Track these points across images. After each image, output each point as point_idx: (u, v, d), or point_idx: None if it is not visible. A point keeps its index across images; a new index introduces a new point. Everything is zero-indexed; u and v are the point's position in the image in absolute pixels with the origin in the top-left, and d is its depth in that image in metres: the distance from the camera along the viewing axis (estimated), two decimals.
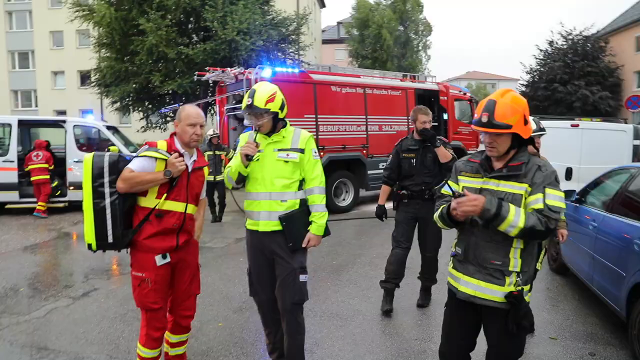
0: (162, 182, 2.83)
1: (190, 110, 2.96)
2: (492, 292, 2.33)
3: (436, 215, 2.53)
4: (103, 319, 4.45)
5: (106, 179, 2.79)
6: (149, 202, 2.87)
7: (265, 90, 2.97)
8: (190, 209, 3.01)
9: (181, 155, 2.90)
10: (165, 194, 2.86)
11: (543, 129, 4.01)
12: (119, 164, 2.83)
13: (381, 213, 4.70)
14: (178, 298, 3.11)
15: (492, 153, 2.35)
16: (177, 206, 2.91)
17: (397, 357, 3.68)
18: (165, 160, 2.83)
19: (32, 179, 10.26)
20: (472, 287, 2.38)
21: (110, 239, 2.81)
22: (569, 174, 8.29)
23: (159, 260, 2.86)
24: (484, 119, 2.29)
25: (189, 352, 3.73)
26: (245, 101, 2.97)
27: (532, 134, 2.89)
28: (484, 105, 2.33)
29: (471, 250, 2.40)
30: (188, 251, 3.08)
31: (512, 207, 2.20)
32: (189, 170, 2.97)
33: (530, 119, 2.53)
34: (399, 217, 4.64)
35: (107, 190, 2.78)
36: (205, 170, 3.17)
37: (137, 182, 2.78)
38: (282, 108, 3.01)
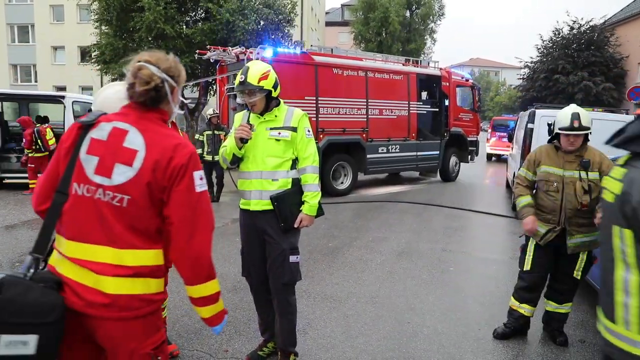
0: None
1: None
2: None
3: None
4: None
5: None
6: None
7: (258, 68, 2.95)
8: None
9: None
10: None
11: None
12: None
13: None
14: None
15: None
16: None
17: (389, 339, 3.71)
18: None
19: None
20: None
21: None
22: None
23: None
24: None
25: (182, 330, 3.77)
26: (238, 78, 2.94)
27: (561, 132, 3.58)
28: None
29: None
30: None
31: None
32: None
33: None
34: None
35: None
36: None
37: None
38: (275, 87, 2.98)
